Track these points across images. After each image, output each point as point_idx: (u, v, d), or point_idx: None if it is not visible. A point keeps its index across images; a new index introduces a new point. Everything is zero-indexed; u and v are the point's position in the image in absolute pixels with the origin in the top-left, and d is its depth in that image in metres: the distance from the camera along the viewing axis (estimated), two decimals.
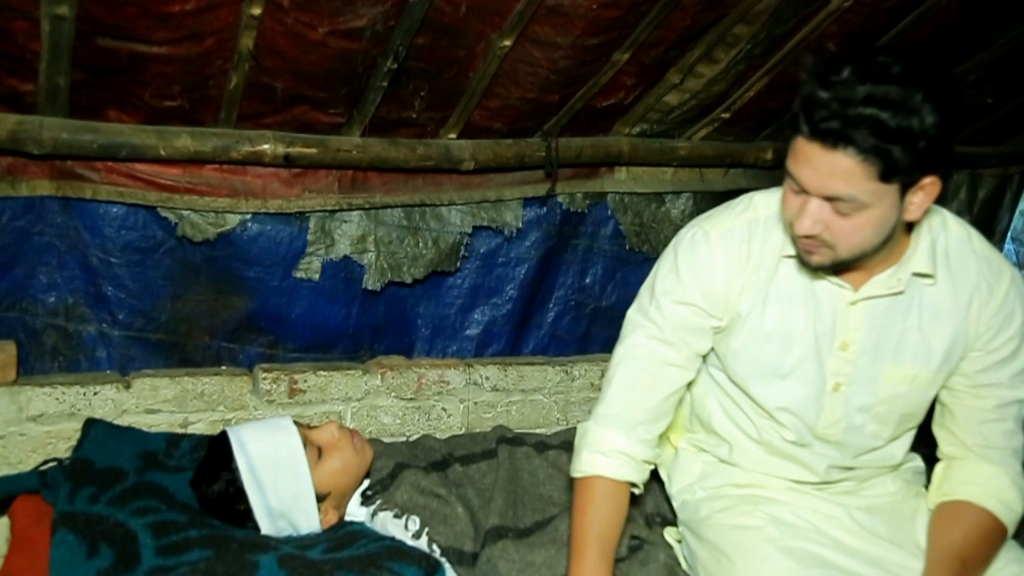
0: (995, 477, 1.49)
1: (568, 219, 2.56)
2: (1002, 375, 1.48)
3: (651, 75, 2.20)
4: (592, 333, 2.70)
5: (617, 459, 1.47)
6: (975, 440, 1.50)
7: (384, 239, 2.29)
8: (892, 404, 1.48)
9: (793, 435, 1.51)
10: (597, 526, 1.44)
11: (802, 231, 1.28)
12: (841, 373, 1.46)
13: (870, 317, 1.43)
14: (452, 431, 2.28)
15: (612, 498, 1.47)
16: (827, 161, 1.20)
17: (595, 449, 1.48)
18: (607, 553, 1.44)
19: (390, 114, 2.06)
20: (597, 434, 1.49)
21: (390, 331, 2.42)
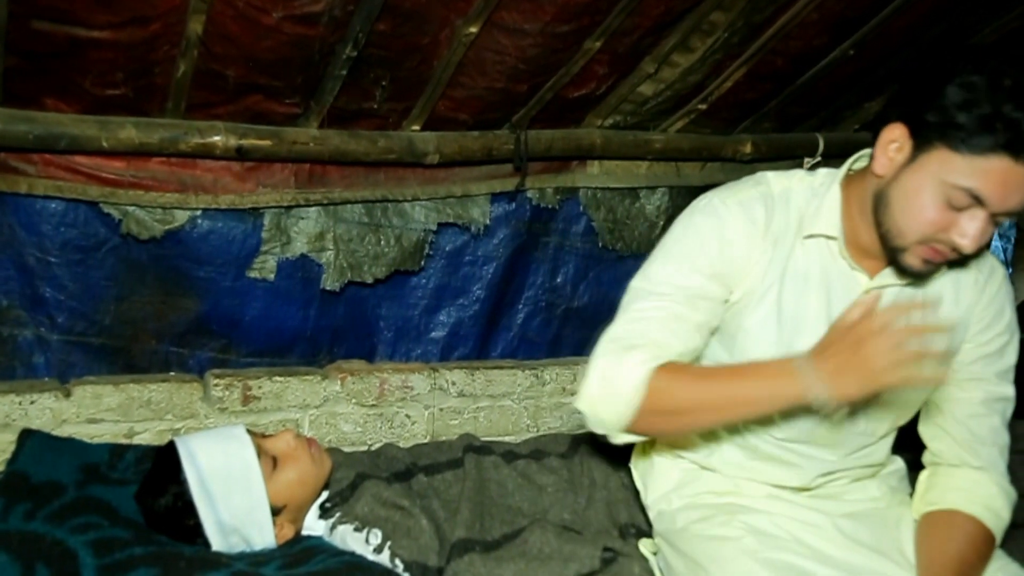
0: (981, 484, 1.52)
1: (538, 215, 2.56)
2: (989, 371, 1.52)
3: (624, 64, 2.20)
4: (564, 335, 2.71)
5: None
6: (963, 435, 1.53)
7: (344, 237, 2.28)
8: (893, 397, 1.51)
9: (783, 432, 1.51)
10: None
11: (973, 248, 1.30)
12: None
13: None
14: (416, 439, 2.27)
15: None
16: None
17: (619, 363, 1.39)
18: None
19: (350, 104, 2.05)
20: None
21: (350, 334, 2.41)
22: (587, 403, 1.41)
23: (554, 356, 2.64)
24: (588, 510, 1.87)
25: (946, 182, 1.27)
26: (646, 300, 1.44)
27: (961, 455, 1.54)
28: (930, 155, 1.29)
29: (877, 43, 2.35)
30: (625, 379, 1.35)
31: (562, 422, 2.47)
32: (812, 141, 2.74)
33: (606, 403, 1.38)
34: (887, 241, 1.37)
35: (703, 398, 1.34)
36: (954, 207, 1.29)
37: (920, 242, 1.34)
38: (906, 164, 1.32)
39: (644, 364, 1.35)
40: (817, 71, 2.43)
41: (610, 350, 1.40)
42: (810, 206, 1.45)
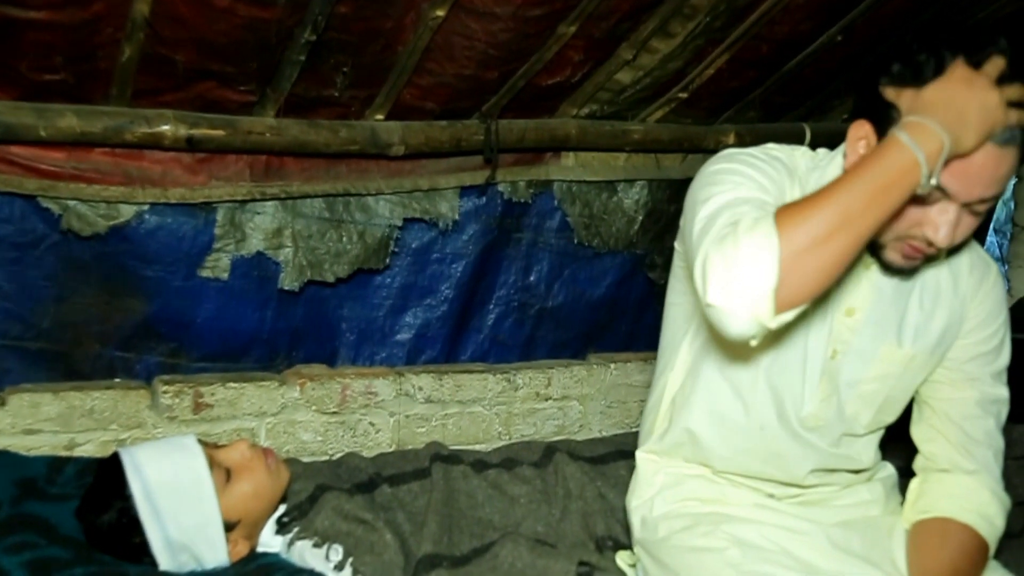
0: (975, 490, 1.54)
1: (510, 210, 2.56)
2: (985, 371, 1.55)
3: (601, 50, 2.20)
4: (537, 337, 2.71)
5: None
6: (957, 436, 1.55)
7: (303, 233, 2.27)
8: (882, 383, 1.53)
9: (776, 413, 1.51)
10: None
11: (948, 243, 1.30)
12: (841, 340, 1.49)
13: (878, 287, 1.48)
14: (380, 448, 2.27)
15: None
16: (1005, 161, 1.24)
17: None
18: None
19: (309, 92, 2.03)
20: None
21: (310, 337, 2.40)
22: (720, 288, 1.19)
23: (527, 359, 2.65)
24: (563, 522, 1.87)
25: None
26: (734, 209, 1.28)
27: (954, 458, 1.56)
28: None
29: (866, 28, 2.37)
30: (753, 234, 1.18)
31: (535, 429, 2.47)
32: (799, 131, 2.76)
33: (744, 271, 1.17)
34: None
35: (830, 206, 1.18)
36: (926, 205, 1.29)
37: (896, 239, 1.36)
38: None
39: (763, 215, 1.22)
40: (803, 58, 2.45)
41: (718, 237, 1.22)
42: (812, 176, 1.46)
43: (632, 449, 1.75)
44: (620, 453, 2.07)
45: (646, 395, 1.76)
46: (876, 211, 1.18)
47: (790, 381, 1.51)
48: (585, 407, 2.57)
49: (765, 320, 1.18)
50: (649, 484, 1.67)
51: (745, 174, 1.37)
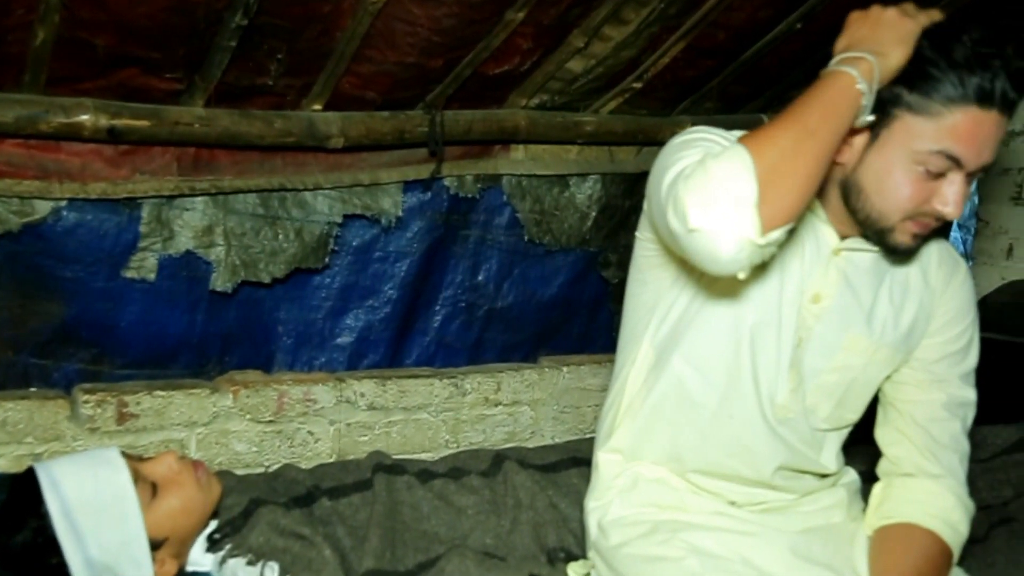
0: (939, 495, 1.56)
1: (457, 206, 2.57)
2: (952, 372, 1.58)
3: (551, 37, 2.21)
4: (486, 339, 2.72)
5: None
6: (922, 439, 1.58)
7: (235, 231, 2.26)
8: (843, 375, 1.55)
9: (755, 400, 1.52)
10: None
11: (958, 214, 1.36)
12: (805, 327, 1.52)
13: (847, 274, 1.52)
14: (320, 459, 2.27)
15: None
16: (1002, 128, 1.33)
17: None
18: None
19: (240, 80, 2.02)
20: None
21: (244, 341, 2.39)
22: (702, 209, 1.21)
23: (476, 363, 2.65)
24: (513, 534, 1.87)
25: (918, 151, 1.33)
26: (700, 149, 1.33)
27: (919, 462, 1.58)
28: (892, 127, 1.35)
29: (826, 16, 2.40)
30: (722, 157, 1.23)
31: (485, 436, 2.48)
32: (758, 123, 2.79)
33: (724, 188, 1.21)
34: (870, 226, 1.43)
35: (788, 124, 1.26)
36: (931, 174, 1.35)
37: (904, 219, 1.40)
38: (869, 145, 1.38)
39: (730, 144, 1.28)
40: (762, 46, 2.47)
41: (687, 175, 1.26)
42: None
43: (586, 456, 1.76)
44: (573, 460, 2.08)
45: (601, 399, 1.77)
46: (830, 125, 1.26)
47: (767, 368, 1.53)
48: (536, 412, 2.58)
49: (754, 237, 1.20)
50: (608, 486, 1.67)
51: (713, 140, 1.40)
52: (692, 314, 1.55)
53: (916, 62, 1.31)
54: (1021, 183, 3.54)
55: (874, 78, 1.27)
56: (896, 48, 1.30)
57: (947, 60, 1.29)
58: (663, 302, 1.58)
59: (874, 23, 1.32)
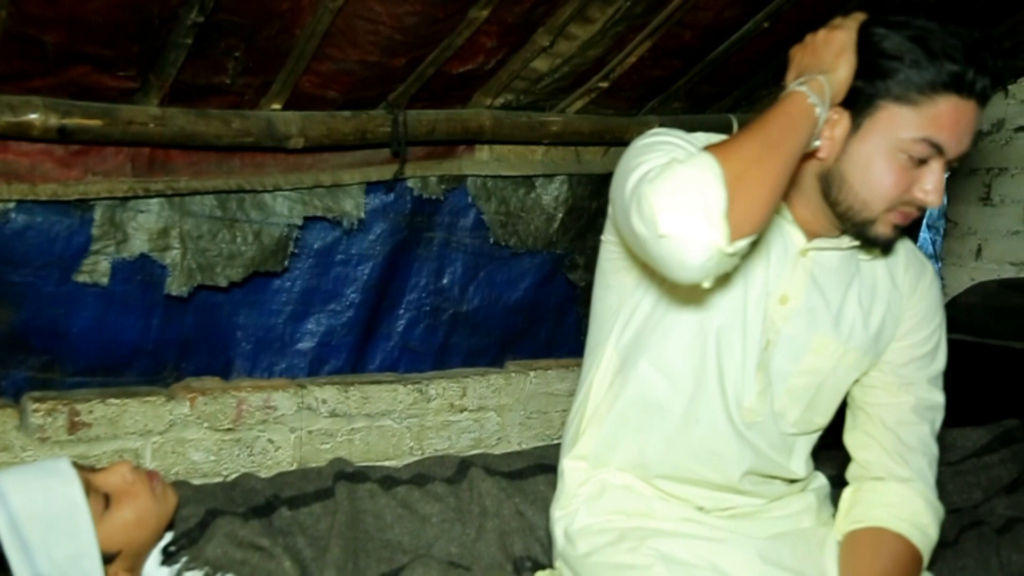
0: (908, 499, 1.58)
1: (420, 208, 2.57)
2: (920, 375, 1.61)
3: (516, 36, 2.21)
4: (451, 344, 2.72)
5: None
6: (891, 443, 1.60)
7: (192, 233, 2.25)
8: (811, 378, 1.57)
9: (721, 404, 1.53)
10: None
11: (940, 202, 1.42)
12: (773, 329, 1.54)
13: (814, 275, 1.54)
14: (280, 467, 2.26)
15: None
16: (977, 116, 1.39)
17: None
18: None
19: (197, 79, 2.01)
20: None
21: (201, 347, 2.38)
22: (672, 214, 1.22)
23: (440, 368, 2.65)
24: (478, 542, 1.87)
25: (901, 139, 1.38)
26: (664, 153, 1.35)
27: (888, 465, 1.60)
28: (875, 117, 1.39)
29: (794, 14, 2.43)
30: (691, 163, 1.25)
31: (450, 443, 2.48)
32: (726, 123, 2.81)
33: (693, 194, 1.22)
34: (852, 218, 1.46)
35: (752, 137, 1.31)
36: (914, 162, 1.39)
37: (887, 209, 1.44)
38: (851, 135, 1.41)
39: (694, 149, 1.33)
40: (729, 45, 2.50)
41: (653, 177, 1.27)
42: None
43: (553, 463, 1.76)
44: (540, 467, 2.08)
45: (568, 404, 1.77)
46: (790, 139, 1.31)
47: (733, 371, 1.54)
48: (503, 418, 2.58)
49: (722, 245, 1.22)
50: (574, 494, 1.67)
51: (677, 144, 1.41)
52: (656, 318, 1.56)
53: (896, 53, 1.36)
54: (989, 183, 3.60)
55: (825, 93, 1.33)
56: (838, 61, 1.36)
57: (927, 50, 1.35)
58: (626, 306, 1.60)
59: (812, 48, 1.40)
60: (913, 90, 1.36)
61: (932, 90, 1.35)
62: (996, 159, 3.56)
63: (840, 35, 1.37)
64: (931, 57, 1.34)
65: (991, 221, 3.60)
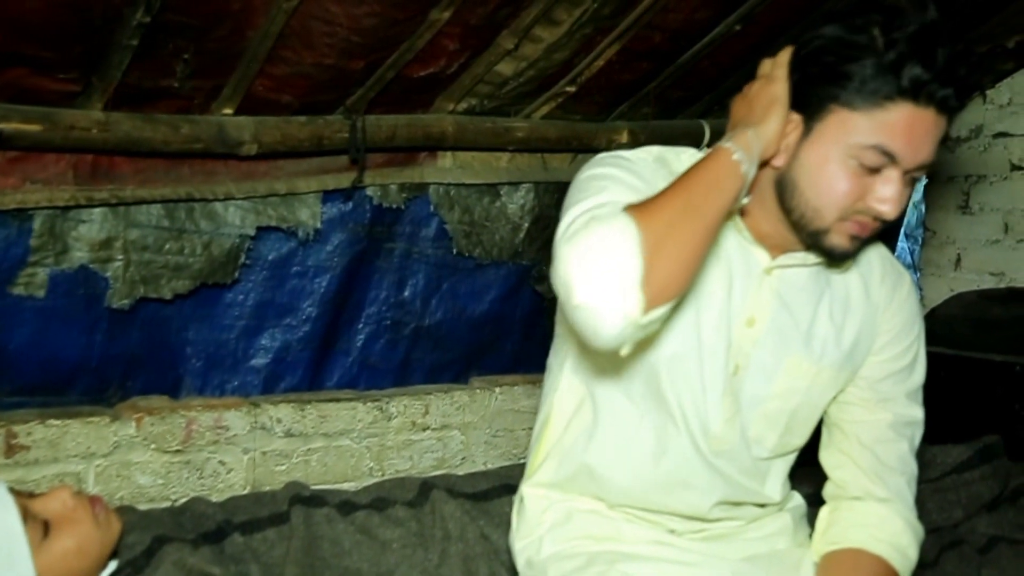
0: (887, 519, 1.58)
1: (380, 217, 2.56)
2: (898, 390, 1.60)
3: (479, 38, 2.22)
4: (413, 359, 2.71)
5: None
6: (868, 462, 1.60)
7: (137, 244, 2.24)
8: (786, 401, 1.56)
9: (686, 434, 1.53)
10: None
11: (895, 214, 1.39)
12: (742, 353, 1.52)
13: (781, 294, 1.53)
14: (232, 491, 2.25)
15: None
16: (940, 127, 1.36)
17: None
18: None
19: (143, 82, 2.00)
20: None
21: (148, 364, 2.36)
22: (586, 285, 1.23)
23: (402, 384, 2.65)
24: (441, 568, 1.87)
25: (851, 144, 1.36)
26: (582, 218, 1.34)
27: (866, 485, 1.60)
28: (826, 121, 1.38)
29: (767, 16, 2.45)
30: (609, 226, 1.26)
31: (412, 463, 2.47)
32: (697, 129, 2.83)
33: (609, 263, 1.24)
34: (805, 227, 1.44)
35: (674, 197, 1.31)
36: (866, 170, 1.37)
37: (840, 218, 1.41)
38: (803, 139, 1.40)
39: (615, 209, 1.31)
40: (700, 48, 2.51)
41: (571, 235, 1.29)
42: None
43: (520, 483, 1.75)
44: (506, 488, 2.08)
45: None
46: (713, 200, 1.32)
47: (694, 399, 1.53)
48: (467, 437, 2.57)
49: (636, 316, 1.23)
50: (537, 522, 1.66)
51: (614, 178, 1.42)
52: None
53: (848, 55, 1.34)
54: (968, 191, 3.64)
55: (753, 148, 1.35)
56: (768, 113, 1.38)
57: (881, 55, 1.32)
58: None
59: (746, 101, 1.42)
60: (865, 95, 1.34)
61: (885, 97, 1.33)
62: (975, 166, 3.60)
63: (772, 88, 1.38)
64: (885, 61, 1.32)
65: (970, 230, 3.64)
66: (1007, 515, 2.40)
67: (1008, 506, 2.44)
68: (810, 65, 1.38)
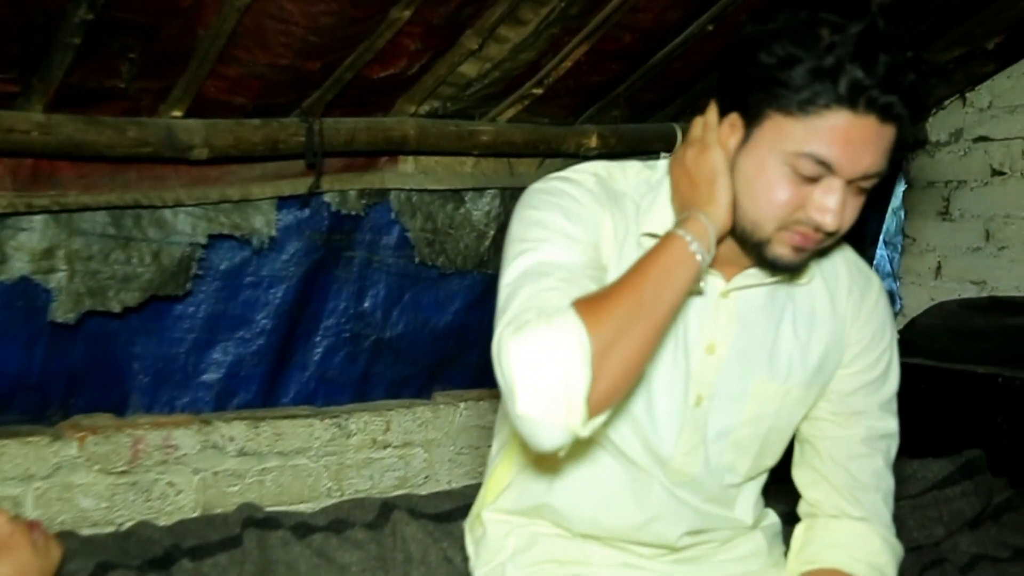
0: (863, 537, 1.59)
1: (338, 224, 2.56)
2: (870, 402, 1.59)
3: (441, 38, 2.22)
4: (373, 373, 2.71)
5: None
6: (842, 480, 1.60)
7: (81, 253, 2.22)
8: (756, 426, 1.56)
9: (644, 470, 1.53)
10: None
11: (836, 225, 1.36)
12: (704, 383, 1.51)
13: (741, 316, 1.51)
14: (182, 514, 2.25)
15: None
16: (883, 136, 1.33)
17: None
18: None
19: (87, 82, 1.99)
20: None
21: (93, 380, 2.35)
22: (530, 397, 1.24)
23: (361, 400, 2.65)
24: None
25: (785, 151, 1.33)
26: (536, 282, 1.36)
27: (840, 504, 1.61)
28: (763, 127, 1.35)
29: (739, 16, 2.46)
30: (557, 331, 1.25)
31: (372, 483, 2.47)
32: (669, 132, 2.85)
33: (554, 377, 1.24)
34: (747, 239, 1.42)
35: (625, 296, 1.31)
36: (803, 178, 1.35)
37: (780, 228, 1.39)
38: (741, 146, 1.38)
39: (563, 305, 1.29)
40: (672, 49, 2.52)
41: (518, 325, 1.29)
42: (644, 200, 1.49)
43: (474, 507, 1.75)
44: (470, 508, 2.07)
45: None
46: (665, 295, 1.33)
47: (642, 435, 1.52)
48: (431, 455, 2.57)
49: (578, 428, 1.25)
50: (499, 547, 1.66)
51: (554, 227, 1.42)
52: None
53: (782, 58, 1.31)
54: (948, 197, 3.67)
55: (709, 233, 1.36)
56: (712, 190, 1.38)
57: (820, 59, 1.29)
58: None
59: (685, 173, 1.41)
60: (799, 100, 1.30)
61: (820, 103, 1.30)
62: (955, 171, 3.63)
63: (709, 157, 1.38)
64: (823, 65, 1.29)
65: (951, 237, 3.67)
66: (990, 532, 2.42)
67: (991, 523, 2.46)
68: (749, 67, 1.34)
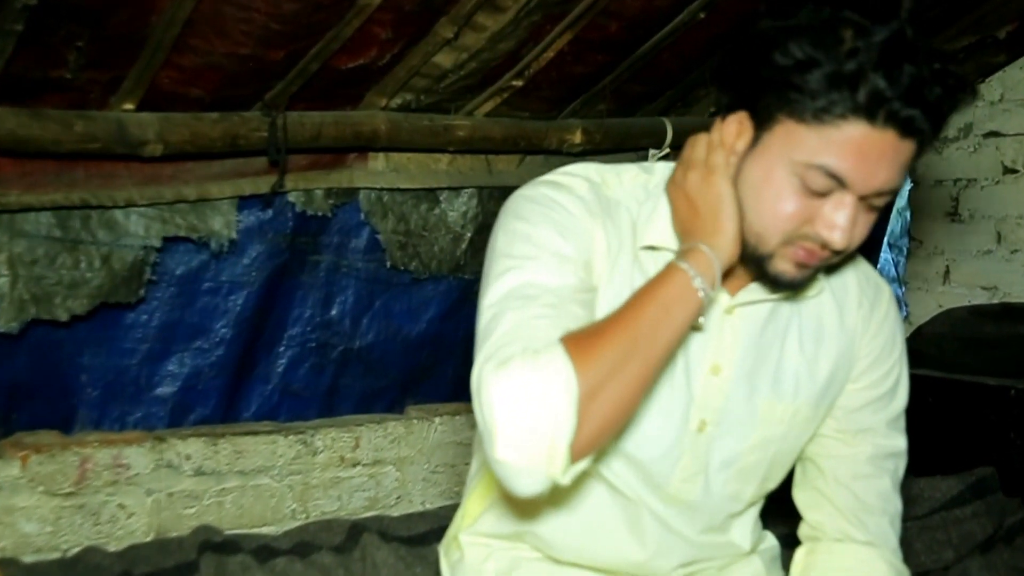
0: (869, 562, 1.58)
1: (304, 226, 2.56)
2: (878, 419, 1.59)
3: (414, 26, 2.22)
4: (341, 386, 2.71)
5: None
6: (846, 502, 1.59)
7: (24, 258, 2.22)
8: (764, 451, 1.55)
9: (632, 501, 1.53)
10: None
11: (845, 243, 1.34)
12: (709, 407, 1.50)
13: (746, 334, 1.50)
14: (133, 539, 2.24)
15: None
16: (901, 151, 1.31)
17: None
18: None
19: (30, 72, 1.99)
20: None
21: (37, 394, 2.35)
22: (510, 442, 1.22)
23: (329, 414, 2.65)
24: None
25: (795, 161, 1.32)
26: (522, 308, 1.34)
27: (844, 527, 1.61)
28: (773, 132, 1.34)
29: (733, 4, 2.48)
30: (543, 371, 1.23)
31: (340, 504, 2.47)
32: (659, 127, 2.85)
33: (538, 422, 1.22)
34: (748, 253, 1.41)
35: (619, 333, 1.29)
36: (813, 192, 1.34)
37: (785, 242, 1.38)
38: (749, 151, 1.37)
39: (551, 341, 1.27)
40: (661, 39, 2.53)
41: (500, 360, 1.26)
42: (643, 209, 1.48)
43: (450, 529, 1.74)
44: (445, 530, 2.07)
45: None
46: (664, 332, 1.30)
47: (657, 459, 1.52)
48: (403, 473, 2.57)
49: (558, 476, 1.23)
50: (477, 573, 1.65)
51: (544, 243, 1.40)
52: None
53: (798, 60, 1.29)
54: (957, 197, 3.67)
55: (712, 268, 1.33)
56: (718, 220, 1.36)
57: (840, 64, 1.27)
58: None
59: (687, 199, 1.39)
60: (814, 108, 1.28)
61: (836, 113, 1.28)
62: (964, 169, 3.63)
63: (713, 183, 1.36)
64: (843, 71, 1.27)
65: (960, 239, 3.67)
66: (1002, 556, 2.42)
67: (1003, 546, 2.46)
68: (762, 66, 1.33)
